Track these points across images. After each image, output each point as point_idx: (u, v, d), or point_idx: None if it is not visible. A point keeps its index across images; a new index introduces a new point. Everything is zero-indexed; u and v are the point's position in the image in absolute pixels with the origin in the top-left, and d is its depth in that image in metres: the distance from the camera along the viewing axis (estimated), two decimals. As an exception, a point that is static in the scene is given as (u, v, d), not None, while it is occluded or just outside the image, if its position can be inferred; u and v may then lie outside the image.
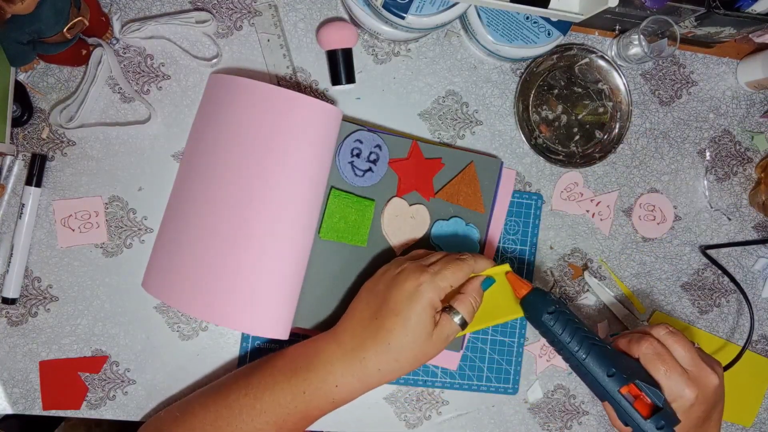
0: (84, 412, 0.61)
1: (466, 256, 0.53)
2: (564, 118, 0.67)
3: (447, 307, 0.52)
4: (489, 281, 0.54)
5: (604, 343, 0.52)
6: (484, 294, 0.54)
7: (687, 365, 0.52)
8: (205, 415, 0.52)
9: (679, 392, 0.51)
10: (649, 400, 0.50)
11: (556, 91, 0.66)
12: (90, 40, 0.60)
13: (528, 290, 0.54)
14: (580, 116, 0.67)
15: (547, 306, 0.53)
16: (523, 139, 0.66)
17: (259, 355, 0.62)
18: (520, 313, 0.56)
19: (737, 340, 0.70)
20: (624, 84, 0.66)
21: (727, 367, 0.62)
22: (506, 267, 0.56)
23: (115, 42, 0.61)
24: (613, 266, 0.68)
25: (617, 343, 0.55)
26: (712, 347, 0.69)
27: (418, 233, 0.61)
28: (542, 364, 0.66)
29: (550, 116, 0.67)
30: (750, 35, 0.66)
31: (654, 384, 0.51)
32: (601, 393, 0.51)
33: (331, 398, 0.51)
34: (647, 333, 0.54)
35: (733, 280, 0.67)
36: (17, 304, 0.60)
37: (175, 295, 0.57)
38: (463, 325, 0.51)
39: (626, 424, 0.51)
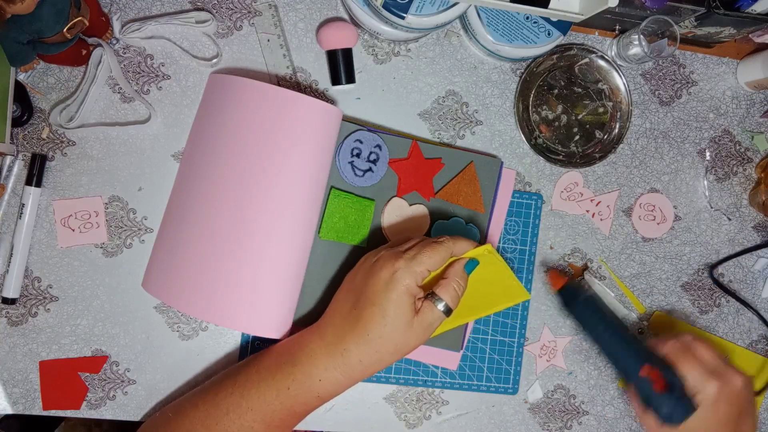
0: (84, 412, 0.61)
1: (444, 238, 0.51)
2: (564, 118, 0.67)
3: (429, 294, 0.50)
4: (472, 263, 0.51)
5: (630, 330, 0.56)
6: (476, 283, 0.52)
7: (710, 365, 0.53)
8: (195, 415, 0.52)
9: (700, 385, 0.52)
10: (668, 381, 0.52)
11: (556, 91, 0.66)
12: (90, 40, 0.60)
13: (564, 282, 0.60)
14: (580, 116, 0.67)
15: (581, 294, 0.58)
16: (523, 139, 0.66)
17: (259, 355, 0.62)
18: (513, 302, 0.57)
19: (737, 341, 0.70)
20: (624, 84, 0.66)
21: (759, 392, 0.64)
22: (488, 247, 0.52)
23: (115, 42, 0.61)
24: (613, 266, 0.68)
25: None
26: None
27: (418, 233, 0.61)
28: (542, 364, 0.66)
29: (550, 116, 0.67)
30: (750, 35, 0.66)
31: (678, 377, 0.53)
32: (626, 372, 0.55)
33: (316, 393, 0.50)
34: (673, 337, 0.56)
35: (745, 304, 0.68)
36: (17, 304, 0.60)
37: (175, 295, 0.57)
38: (448, 312, 0.49)
39: (648, 405, 0.52)
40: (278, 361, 0.51)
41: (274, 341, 0.62)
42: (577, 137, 0.67)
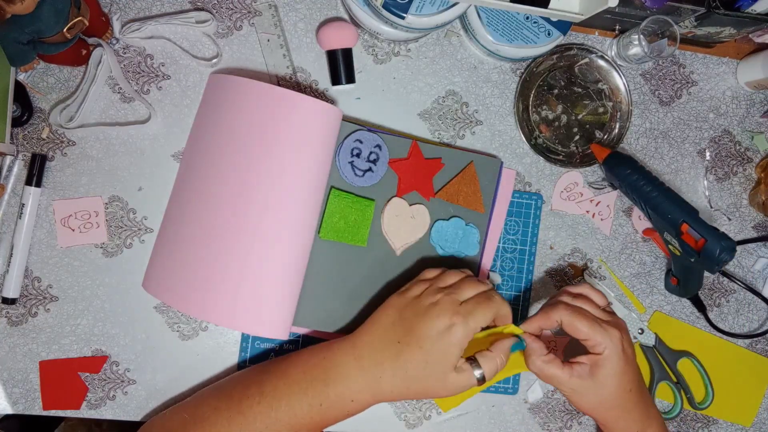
0: (84, 412, 0.61)
1: (494, 293, 0.52)
2: (564, 118, 0.67)
3: (472, 358, 0.51)
4: (519, 345, 0.53)
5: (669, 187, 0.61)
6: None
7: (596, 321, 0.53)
8: (217, 420, 0.52)
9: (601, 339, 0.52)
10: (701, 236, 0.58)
11: (556, 91, 0.66)
12: (90, 40, 0.60)
13: (608, 153, 0.63)
14: (580, 116, 0.67)
15: (625, 160, 0.62)
16: (523, 139, 0.66)
17: (259, 356, 0.62)
18: (517, 370, 0.56)
19: (737, 341, 0.70)
20: (624, 84, 0.66)
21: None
22: (516, 330, 0.54)
23: (115, 42, 0.61)
24: (613, 266, 0.68)
25: (533, 321, 0.55)
26: (713, 348, 0.69)
27: (418, 233, 0.61)
28: (542, 364, 0.66)
29: (550, 116, 0.67)
30: (750, 35, 0.66)
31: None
32: (670, 224, 0.59)
33: (346, 411, 0.52)
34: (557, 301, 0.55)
35: (761, 296, 0.69)
36: (17, 304, 0.60)
37: (175, 295, 0.57)
38: (481, 381, 0.50)
39: (691, 248, 0.58)
40: (309, 375, 0.52)
41: (274, 341, 0.62)
42: (577, 137, 0.67)
